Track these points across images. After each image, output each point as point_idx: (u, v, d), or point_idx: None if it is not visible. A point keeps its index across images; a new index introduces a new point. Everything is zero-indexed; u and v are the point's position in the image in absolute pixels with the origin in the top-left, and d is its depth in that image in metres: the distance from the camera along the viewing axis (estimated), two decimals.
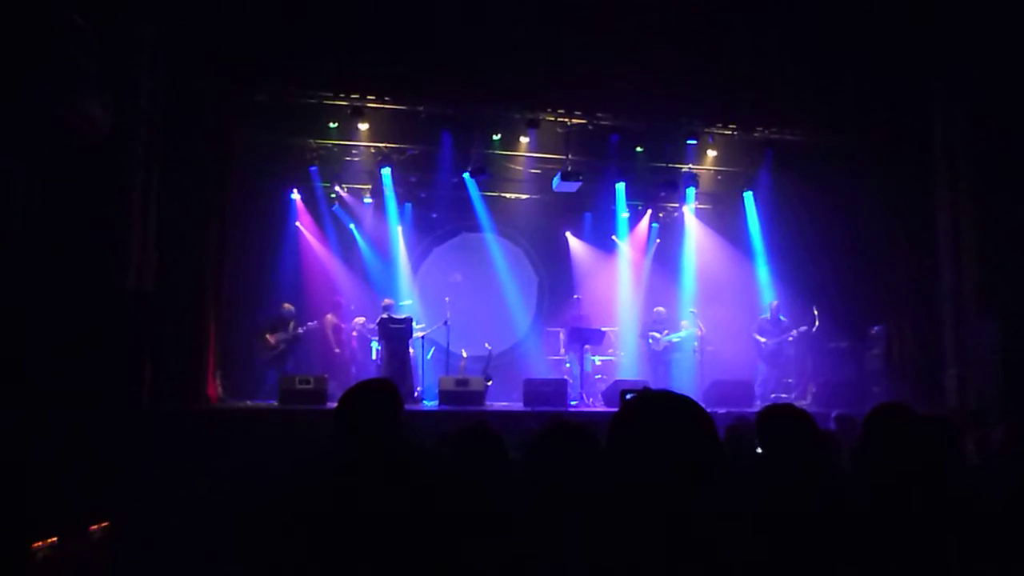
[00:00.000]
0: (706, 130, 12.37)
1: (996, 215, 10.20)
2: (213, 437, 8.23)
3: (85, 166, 7.74)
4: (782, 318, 12.63)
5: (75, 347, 7.42)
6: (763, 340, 12.52)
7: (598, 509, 1.84)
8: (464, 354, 12.67)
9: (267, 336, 11.72)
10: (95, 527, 4.23)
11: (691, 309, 13.13)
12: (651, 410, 1.70)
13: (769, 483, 3.01)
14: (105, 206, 8.23)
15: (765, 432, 3.28)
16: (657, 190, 13.91)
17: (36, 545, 3.76)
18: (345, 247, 14.03)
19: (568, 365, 12.67)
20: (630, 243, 14.92)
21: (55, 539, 3.87)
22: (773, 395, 11.99)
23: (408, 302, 13.09)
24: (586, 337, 12.25)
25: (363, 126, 11.73)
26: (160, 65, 9.07)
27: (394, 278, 14.00)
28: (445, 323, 12.30)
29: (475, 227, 14.45)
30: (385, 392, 2.87)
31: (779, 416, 3.27)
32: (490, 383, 11.17)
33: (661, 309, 13.18)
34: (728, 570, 1.63)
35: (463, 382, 10.71)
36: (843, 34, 10.01)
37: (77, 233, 7.72)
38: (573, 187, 12.64)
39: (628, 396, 1.79)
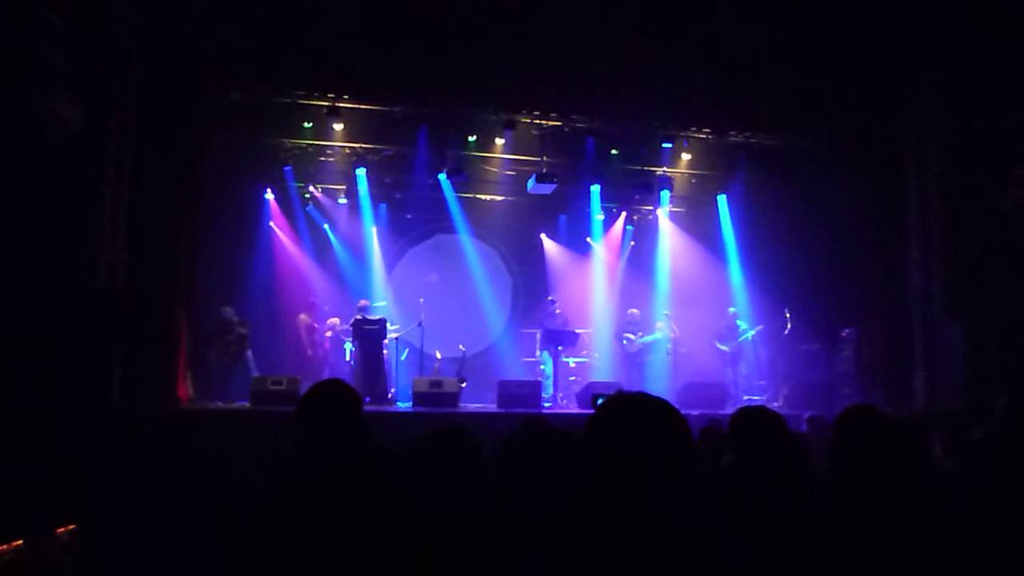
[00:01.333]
0: (681, 134, 12.47)
1: (966, 218, 10.34)
2: (183, 438, 8.14)
3: (55, 163, 7.62)
4: (739, 323, 12.74)
5: (43, 345, 7.31)
6: (724, 347, 12.62)
7: (572, 511, 1.84)
8: (438, 355, 12.64)
9: (214, 341, 11.32)
10: (62, 530, 4.17)
11: (665, 311, 13.19)
12: (626, 412, 1.71)
13: (742, 485, 3.03)
14: (75, 203, 8.11)
15: (738, 434, 3.30)
16: (632, 192, 14.02)
17: (1, 548, 3.70)
18: (319, 248, 13.95)
19: (543, 367, 12.67)
20: (605, 245, 14.96)
21: (20, 542, 3.81)
22: (745, 397, 12.07)
23: (382, 303, 13.03)
24: (560, 339, 12.26)
25: (338, 126, 11.71)
26: (133, 62, 8.97)
27: (368, 279, 13.93)
28: (419, 324, 12.27)
29: (450, 228, 14.41)
30: (342, 393, 2.85)
31: (751, 418, 3.30)
32: (464, 385, 11.15)
33: (635, 311, 13.22)
34: (702, 571, 1.64)
35: (437, 383, 10.68)
36: (814, 38, 10.11)
37: (47, 230, 7.61)
38: (548, 189, 12.68)
39: (600, 401, 1.79)
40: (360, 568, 2.37)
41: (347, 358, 12.30)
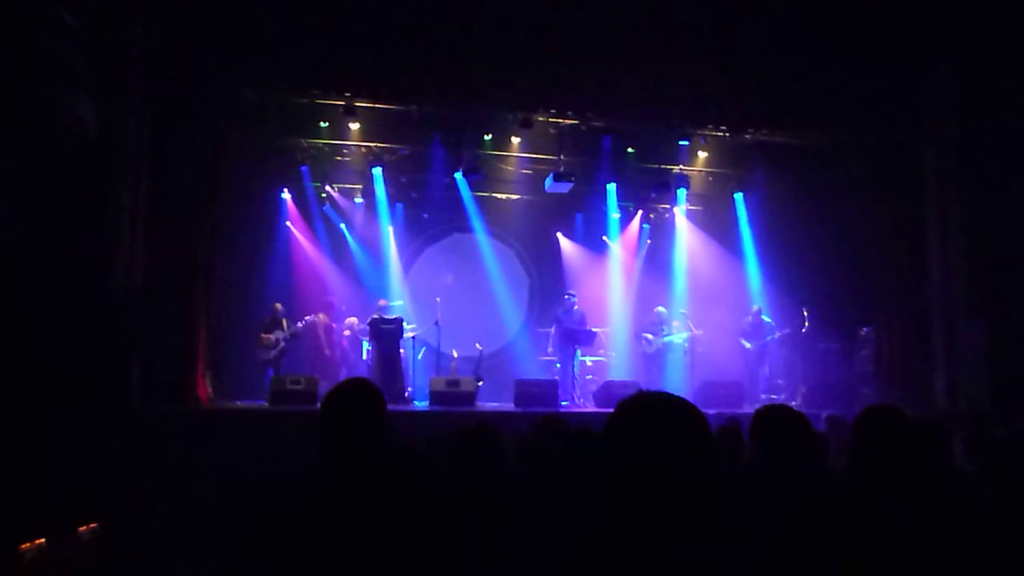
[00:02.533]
0: (697, 132, 12.41)
1: (985, 216, 10.26)
2: (203, 437, 8.20)
3: (75, 165, 7.68)
4: (766, 319, 12.66)
5: (63, 346, 7.37)
6: (748, 345, 12.56)
7: (591, 510, 1.84)
8: (455, 354, 12.65)
9: (263, 336, 11.60)
10: (84, 528, 4.20)
11: (681, 310, 13.14)
12: (646, 411, 1.70)
13: (763, 484, 3.02)
14: (95, 205, 8.17)
15: (759, 433, 3.27)
16: (648, 191, 14.01)
17: (24, 546, 3.74)
18: (336, 247, 14.00)
19: (558, 365, 12.65)
20: (621, 244, 14.92)
21: (43, 540, 3.84)
22: (764, 396, 12.02)
23: (399, 302, 13.06)
24: (577, 338, 12.23)
25: (354, 126, 11.74)
26: (150, 64, 9.02)
27: (385, 278, 13.96)
28: (436, 323, 12.29)
29: (466, 227, 14.42)
30: (367, 392, 2.85)
31: (774, 417, 3.27)
32: (481, 384, 11.16)
33: (662, 309, 13.03)
34: (720, 568, 1.63)
35: (454, 383, 10.69)
36: (832, 37, 10.05)
37: (67, 232, 7.67)
38: (565, 188, 12.66)
39: (623, 399, 1.78)
40: (381, 567, 2.38)
41: (364, 357, 12.34)
